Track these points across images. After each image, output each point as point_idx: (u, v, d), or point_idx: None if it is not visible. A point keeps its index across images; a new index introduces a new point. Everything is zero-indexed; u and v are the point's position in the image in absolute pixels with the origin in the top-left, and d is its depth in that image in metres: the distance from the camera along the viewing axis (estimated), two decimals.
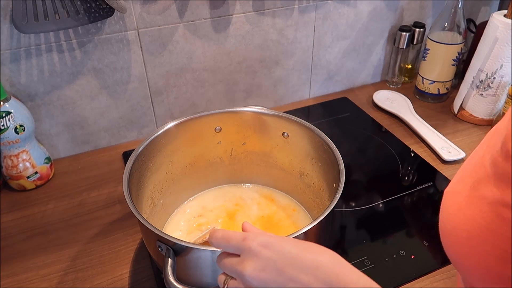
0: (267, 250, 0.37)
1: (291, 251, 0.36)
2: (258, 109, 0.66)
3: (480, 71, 0.88)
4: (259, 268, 0.36)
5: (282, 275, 0.35)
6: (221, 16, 0.83)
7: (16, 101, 0.72)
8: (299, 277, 0.35)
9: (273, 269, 0.36)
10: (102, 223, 0.70)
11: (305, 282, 0.35)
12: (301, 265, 0.35)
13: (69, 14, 0.68)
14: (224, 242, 0.40)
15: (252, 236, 0.38)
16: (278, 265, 0.36)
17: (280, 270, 0.36)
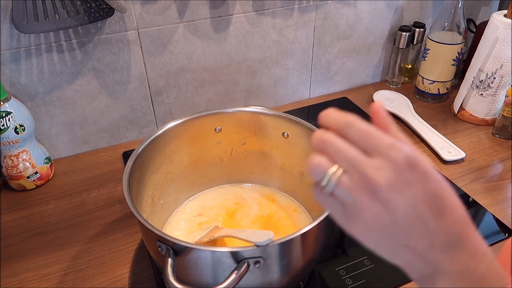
0: (413, 172, 0.28)
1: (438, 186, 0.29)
2: (258, 109, 0.66)
3: (480, 71, 0.88)
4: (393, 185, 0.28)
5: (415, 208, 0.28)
6: (221, 16, 0.83)
7: (16, 101, 0.72)
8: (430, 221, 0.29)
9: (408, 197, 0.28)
10: (102, 223, 0.70)
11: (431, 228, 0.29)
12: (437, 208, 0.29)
13: (69, 14, 0.68)
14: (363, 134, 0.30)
15: (398, 145, 0.29)
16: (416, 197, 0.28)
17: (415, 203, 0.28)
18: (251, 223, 0.66)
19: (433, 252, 0.29)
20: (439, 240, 0.29)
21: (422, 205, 0.28)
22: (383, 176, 0.28)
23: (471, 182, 0.77)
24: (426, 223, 0.29)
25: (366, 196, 0.29)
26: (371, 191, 0.28)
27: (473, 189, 0.75)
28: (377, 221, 0.29)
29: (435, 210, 0.29)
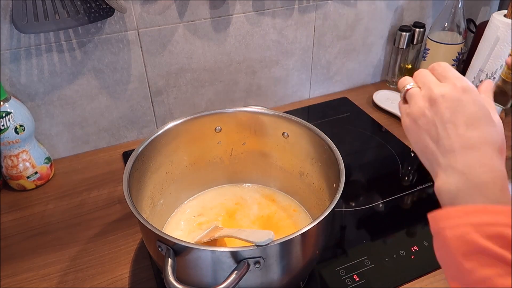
0: (464, 93, 0.38)
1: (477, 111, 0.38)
2: (258, 109, 0.66)
3: (481, 71, 0.88)
4: (447, 95, 0.38)
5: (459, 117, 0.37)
6: (221, 16, 0.83)
7: (16, 101, 0.72)
8: (467, 131, 0.37)
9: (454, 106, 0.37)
10: (102, 223, 0.70)
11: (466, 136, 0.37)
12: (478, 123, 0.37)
13: (69, 14, 0.68)
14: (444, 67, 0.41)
15: (462, 78, 0.39)
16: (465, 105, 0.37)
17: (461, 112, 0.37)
18: (251, 223, 0.66)
19: (452, 150, 0.37)
20: (460, 143, 0.37)
21: (460, 116, 0.37)
22: (440, 88, 0.39)
23: None
24: (457, 128, 0.37)
25: (423, 99, 0.40)
26: (428, 95, 0.39)
27: None
28: (423, 115, 0.39)
29: (468, 123, 0.37)
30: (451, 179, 0.36)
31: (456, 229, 0.33)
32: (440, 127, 0.38)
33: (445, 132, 0.37)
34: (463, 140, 0.37)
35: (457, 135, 0.37)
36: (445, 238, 0.34)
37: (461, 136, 0.37)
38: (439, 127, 0.38)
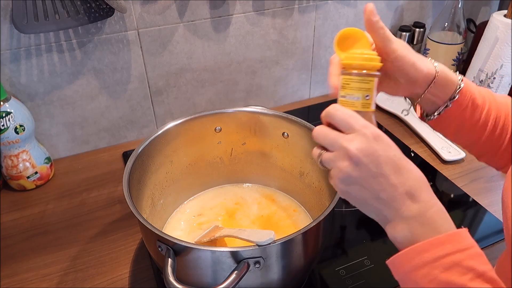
0: (377, 141, 0.38)
1: (396, 152, 0.38)
2: (258, 109, 0.66)
3: (480, 71, 0.88)
4: (363, 149, 0.37)
5: (378, 167, 0.37)
6: (221, 16, 0.83)
7: (16, 101, 0.72)
8: (391, 176, 0.37)
9: (373, 158, 0.37)
10: (102, 223, 0.70)
11: (393, 182, 0.37)
12: (397, 167, 0.37)
13: (69, 14, 0.68)
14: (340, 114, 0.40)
15: (369, 125, 0.39)
16: (380, 156, 0.37)
17: (378, 162, 0.37)
18: (251, 223, 0.66)
19: (394, 201, 0.37)
20: (398, 192, 0.37)
21: (385, 165, 0.37)
22: (354, 144, 0.37)
23: (471, 182, 0.77)
24: (388, 179, 0.37)
25: (342, 160, 0.38)
26: (346, 156, 0.38)
27: (473, 189, 0.75)
28: (351, 176, 0.38)
29: (395, 169, 0.37)
30: (403, 226, 0.37)
31: (417, 271, 0.35)
32: (372, 183, 0.37)
33: (379, 186, 0.37)
34: (399, 188, 0.37)
35: (391, 185, 0.37)
36: (412, 282, 0.36)
37: (395, 185, 0.37)
38: (371, 183, 0.37)
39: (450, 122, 0.52)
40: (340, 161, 0.38)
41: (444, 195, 0.76)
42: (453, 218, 0.61)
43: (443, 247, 0.35)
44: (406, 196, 0.37)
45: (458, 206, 0.73)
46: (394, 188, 0.37)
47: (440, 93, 0.50)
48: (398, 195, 0.37)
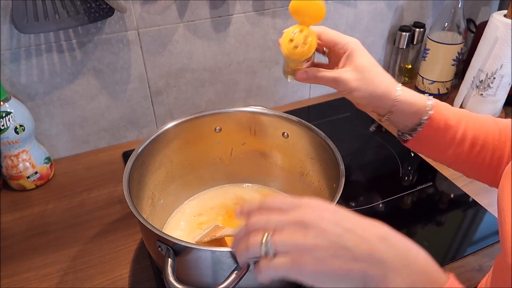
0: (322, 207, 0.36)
1: (349, 213, 0.36)
2: (258, 109, 0.66)
3: (480, 71, 0.88)
4: (318, 217, 0.34)
5: (338, 227, 0.34)
6: (221, 16, 0.83)
7: (16, 101, 0.72)
8: (356, 230, 0.34)
9: (330, 221, 0.34)
10: (102, 223, 0.70)
11: (362, 235, 0.34)
12: (358, 224, 0.35)
13: (69, 14, 0.68)
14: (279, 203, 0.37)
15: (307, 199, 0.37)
16: (336, 218, 0.35)
17: (337, 223, 0.34)
18: None
19: (374, 252, 0.33)
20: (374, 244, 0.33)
21: (344, 223, 0.34)
22: (308, 213, 0.35)
23: (471, 182, 0.77)
24: (355, 233, 0.33)
25: (301, 233, 0.34)
26: (303, 227, 0.34)
27: (473, 189, 0.75)
28: (318, 247, 0.33)
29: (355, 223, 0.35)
30: (397, 280, 0.33)
31: None
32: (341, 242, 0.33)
33: (352, 242, 0.33)
34: (371, 234, 0.34)
35: (362, 237, 0.33)
36: None
37: (366, 237, 0.33)
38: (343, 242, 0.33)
39: (425, 143, 0.52)
40: (299, 236, 0.34)
41: (444, 195, 0.76)
42: (453, 218, 0.62)
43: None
44: (384, 244, 0.33)
45: (458, 206, 0.73)
46: (367, 240, 0.33)
47: (405, 115, 0.51)
48: (375, 246, 0.33)
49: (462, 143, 0.50)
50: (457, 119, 0.50)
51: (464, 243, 0.65)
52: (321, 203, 0.36)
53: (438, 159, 0.55)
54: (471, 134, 0.50)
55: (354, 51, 0.50)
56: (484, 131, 0.51)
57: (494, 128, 0.51)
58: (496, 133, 0.51)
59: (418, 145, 0.53)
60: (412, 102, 0.50)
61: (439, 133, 0.51)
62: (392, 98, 0.51)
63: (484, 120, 0.52)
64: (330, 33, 0.51)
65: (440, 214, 0.71)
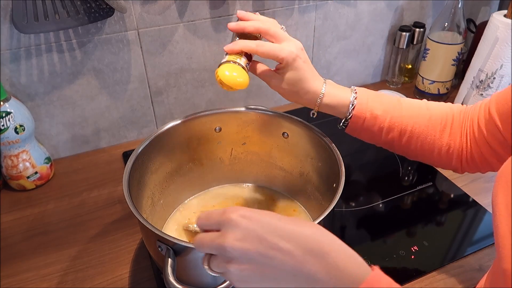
0: (247, 220, 0.36)
1: (272, 220, 0.36)
2: (258, 109, 0.66)
3: (480, 71, 0.88)
4: (239, 238, 0.35)
5: (263, 243, 0.34)
6: (221, 16, 0.83)
7: (16, 101, 0.72)
8: (280, 243, 0.34)
9: (253, 238, 0.35)
10: (102, 223, 0.70)
11: (286, 249, 0.34)
12: (282, 233, 0.35)
13: (69, 14, 0.68)
14: (205, 220, 0.38)
15: (231, 209, 0.37)
16: (259, 233, 0.35)
17: (261, 238, 0.34)
18: None
19: (301, 267, 0.34)
20: (299, 255, 0.34)
21: (269, 237, 0.34)
22: (226, 236, 0.35)
23: (471, 182, 0.77)
24: (280, 248, 0.34)
25: (225, 258, 0.36)
26: (224, 253, 0.35)
27: (473, 189, 0.75)
28: (244, 271, 0.35)
29: (281, 235, 0.35)
30: None
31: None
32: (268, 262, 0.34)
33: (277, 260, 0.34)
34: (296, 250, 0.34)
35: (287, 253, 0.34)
36: None
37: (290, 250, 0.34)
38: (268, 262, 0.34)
39: (358, 132, 0.58)
40: (225, 261, 0.36)
41: (444, 195, 0.76)
42: (453, 218, 0.62)
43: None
44: (309, 256, 0.34)
45: (458, 206, 0.73)
46: (291, 254, 0.34)
47: (333, 112, 0.57)
48: (299, 258, 0.34)
49: (390, 131, 0.55)
50: (383, 109, 0.55)
51: (464, 243, 0.65)
52: (245, 213, 0.36)
53: (377, 144, 0.59)
54: (398, 123, 0.55)
55: (288, 66, 0.54)
56: (413, 120, 0.55)
57: (424, 116, 0.55)
58: (426, 120, 0.55)
59: (353, 132, 0.58)
60: (335, 104, 0.56)
61: (368, 123, 0.55)
62: (314, 103, 0.58)
63: (416, 107, 0.56)
64: (265, 51, 0.54)
65: (440, 214, 0.71)
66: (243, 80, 0.53)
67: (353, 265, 0.35)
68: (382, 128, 0.55)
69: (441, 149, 0.55)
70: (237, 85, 0.53)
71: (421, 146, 0.56)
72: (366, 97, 0.56)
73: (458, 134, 0.54)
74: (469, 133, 0.53)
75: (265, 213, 0.37)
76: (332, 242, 0.36)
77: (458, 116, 0.55)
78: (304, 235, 0.35)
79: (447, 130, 0.54)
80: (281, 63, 0.55)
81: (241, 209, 0.37)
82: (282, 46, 0.54)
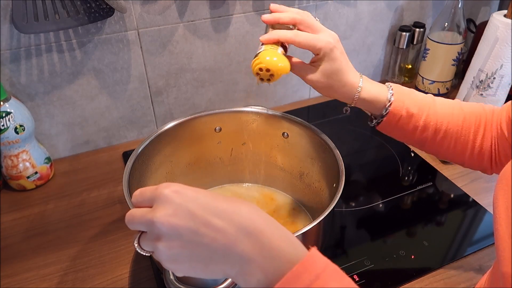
0: (179, 195, 0.34)
1: (206, 197, 0.35)
2: (258, 109, 0.66)
3: (480, 71, 0.88)
4: (170, 213, 0.33)
5: (195, 219, 0.33)
6: (221, 16, 0.83)
7: (16, 101, 0.72)
8: (212, 221, 0.33)
9: (185, 214, 0.33)
10: (102, 223, 0.70)
11: (219, 227, 0.33)
12: (215, 210, 0.33)
13: (69, 14, 0.68)
14: (139, 197, 0.37)
15: (165, 184, 0.35)
16: (190, 209, 0.33)
17: (192, 214, 0.33)
18: None
19: (232, 245, 0.32)
20: (231, 234, 0.33)
21: (202, 213, 0.33)
22: (156, 211, 0.34)
23: (471, 182, 0.77)
24: (212, 225, 0.33)
25: (155, 235, 0.34)
26: (153, 230, 0.34)
27: (473, 189, 0.75)
28: (172, 248, 0.33)
29: (215, 213, 0.33)
30: (252, 269, 0.32)
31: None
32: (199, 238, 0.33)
33: (208, 238, 0.32)
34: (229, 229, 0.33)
35: (219, 230, 0.32)
36: None
37: (223, 228, 0.33)
38: (198, 239, 0.33)
39: (391, 129, 0.57)
40: (154, 238, 0.34)
41: (444, 195, 0.76)
42: (453, 218, 0.62)
43: (301, 280, 0.31)
44: (242, 235, 0.32)
45: (458, 206, 0.73)
46: (224, 231, 0.32)
47: (369, 108, 0.57)
48: (231, 237, 0.32)
49: (425, 130, 0.55)
50: (418, 107, 0.55)
51: (464, 243, 0.65)
52: (179, 189, 0.35)
53: (408, 143, 0.59)
54: (433, 122, 0.55)
55: (325, 56, 0.53)
56: (448, 119, 0.55)
57: (459, 116, 0.55)
58: (460, 120, 0.54)
59: (385, 130, 0.58)
60: (372, 99, 0.55)
61: (402, 121, 0.55)
62: (351, 97, 0.56)
63: (450, 107, 0.56)
64: (302, 41, 0.53)
65: (440, 214, 0.71)
66: (284, 64, 0.51)
67: (289, 245, 0.33)
68: (417, 127, 0.55)
69: (474, 149, 0.54)
70: (279, 69, 0.50)
71: (454, 146, 0.55)
72: (401, 94, 0.55)
73: (489, 135, 0.54)
74: (497, 134, 0.53)
75: (200, 190, 0.35)
76: (268, 222, 0.34)
77: (490, 117, 0.54)
78: (238, 214, 0.33)
79: (480, 131, 0.54)
80: (318, 54, 0.54)
81: (175, 185, 0.35)
82: (319, 36, 0.53)
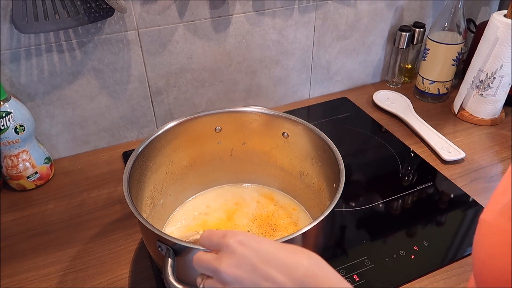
0: (243, 247, 0.36)
1: (269, 249, 0.36)
2: (258, 109, 0.66)
3: (480, 71, 0.88)
4: (234, 264, 0.35)
5: (256, 272, 0.34)
6: (221, 16, 0.83)
7: (16, 101, 0.72)
8: (273, 275, 0.34)
9: (247, 266, 0.35)
10: (102, 223, 0.70)
11: (279, 281, 0.34)
12: (277, 264, 0.35)
13: (69, 14, 0.68)
14: (207, 240, 0.39)
15: (231, 233, 0.37)
16: (253, 261, 0.35)
17: (255, 267, 0.35)
18: (250, 222, 0.66)
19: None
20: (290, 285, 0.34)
21: (263, 267, 0.35)
22: (222, 261, 0.36)
23: (471, 182, 0.77)
24: (273, 278, 0.34)
25: (219, 282, 0.36)
26: (218, 277, 0.36)
27: (473, 189, 0.75)
28: None
29: (276, 265, 0.35)
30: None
31: None
32: None
33: None
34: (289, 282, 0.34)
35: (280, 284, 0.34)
36: None
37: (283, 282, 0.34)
38: None
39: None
40: (220, 283, 0.36)
41: (444, 195, 0.76)
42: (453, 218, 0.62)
43: None
44: (296, 284, 0.34)
45: (458, 206, 0.73)
46: (283, 286, 0.34)
47: None
48: None
49: None
50: None
51: (464, 243, 0.65)
52: (243, 239, 0.36)
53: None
54: None
55: None
56: None
57: None
58: None
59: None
60: None
61: None
62: None
63: None
64: None
65: (440, 214, 0.71)
66: None
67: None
68: None
69: None
70: None
71: None
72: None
73: None
74: None
75: (263, 240, 0.37)
76: (329, 277, 0.35)
77: None
78: (298, 268, 0.34)
79: None
80: None
81: (240, 234, 0.37)
82: None
